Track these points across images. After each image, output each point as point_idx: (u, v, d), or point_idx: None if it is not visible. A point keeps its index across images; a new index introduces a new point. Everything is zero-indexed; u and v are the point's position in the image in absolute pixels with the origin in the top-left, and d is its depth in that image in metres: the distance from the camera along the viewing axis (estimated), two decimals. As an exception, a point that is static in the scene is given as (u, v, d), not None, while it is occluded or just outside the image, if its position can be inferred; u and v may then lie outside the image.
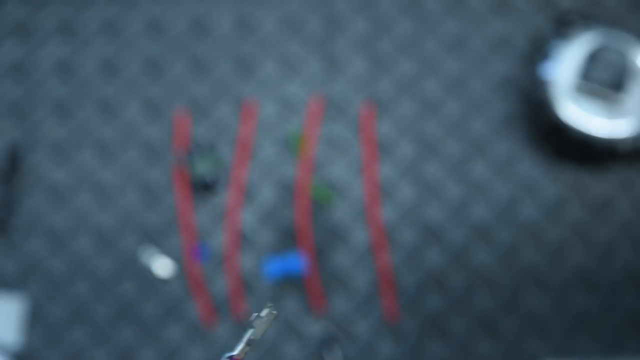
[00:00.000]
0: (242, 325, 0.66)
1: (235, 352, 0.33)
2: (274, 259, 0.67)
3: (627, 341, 0.66)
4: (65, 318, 0.67)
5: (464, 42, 0.71)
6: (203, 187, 0.68)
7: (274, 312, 0.34)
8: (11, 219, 0.69)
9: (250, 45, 0.72)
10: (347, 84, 0.71)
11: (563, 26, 0.67)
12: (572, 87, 0.65)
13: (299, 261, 0.66)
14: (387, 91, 0.71)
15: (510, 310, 0.67)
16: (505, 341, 0.66)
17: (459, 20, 0.72)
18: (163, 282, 0.67)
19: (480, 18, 0.72)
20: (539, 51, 0.68)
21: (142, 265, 0.68)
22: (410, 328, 0.66)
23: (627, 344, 0.66)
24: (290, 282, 0.67)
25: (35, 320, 0.67)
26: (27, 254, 0.68)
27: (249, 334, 0.34)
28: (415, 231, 0.68)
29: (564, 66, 0.65)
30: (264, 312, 0.34)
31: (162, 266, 0.67)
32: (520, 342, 0.66)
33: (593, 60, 0.64)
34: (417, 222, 0.68)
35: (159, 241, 0.68)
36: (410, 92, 0.71)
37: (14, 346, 0.66)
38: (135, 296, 0.67)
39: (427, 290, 0.67)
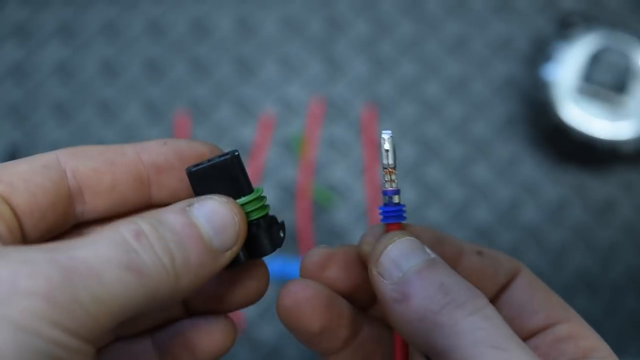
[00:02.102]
0: (242, 328, 0.66)
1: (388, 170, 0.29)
2: (276, 259, 0.66)
3: (630, 343, 0.66)
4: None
5: (465, 44, 0.71)
6: None
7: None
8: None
9: (251, 47, 0.71)
10: (348, 86, 0.70)
11: (565, 28, 0.67)
12: (574, 88, 0.65)
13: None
14: (388, 93, 0.70)
15: (512, 313, 0.66)
16: (507, 344, 0.66)
17: (461, 21, 0.72)
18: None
19: (481, 20, 0.72)
20: (540, 53, 0.68)
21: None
22: (412, 331, 0.66)
23: (630, 347, 0.66)
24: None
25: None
26: (26, 256, 0.68)
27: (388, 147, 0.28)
28: (417, 233, 0.68)
29: (566, 68, 0.65)
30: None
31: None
32: (522, 345, 0.66)
33: (595, 61, 0.64)
34: (419, 224, 0.68)
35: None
36: (412, 94, 0.70)
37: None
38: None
39: (429, 293, 0.67)
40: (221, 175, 0.28)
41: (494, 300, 0.30)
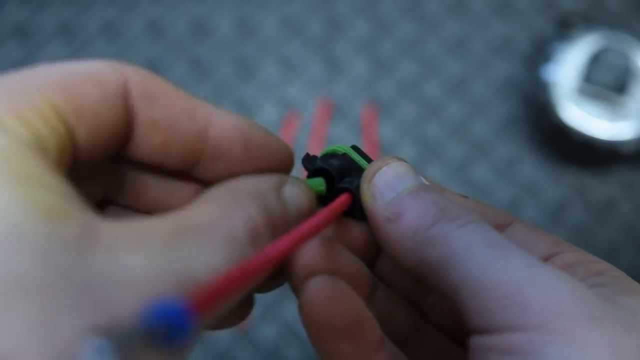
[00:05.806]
0: (243, 329, 0.66)
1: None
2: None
3: (630, 344, 0.66)
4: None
5: (465, 44, 0.71)
6: None
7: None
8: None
9: (251, 47, 0.71)
10: (348, 86, 0.70)
11: (565, 28, 0.67)
12: (574, 89, 0.65)
13: None
14: (388, 93, 0.70)
15: (512, 313, 0.66)
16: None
17: (461, 22, 0.72)
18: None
19: (481, 20, 0.72)
20: (541, 53, 0.68)
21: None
22: (412, 331, 0.66)
23: (630, 347, 0.66)
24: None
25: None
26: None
27: None
28: (417, 234, 0.68)
29: (566, 68, 0.65)
30: None
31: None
32: (523, 345, 0.66)
33: (595, 62, 0.64)
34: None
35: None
36: (412, 94, 0.70)
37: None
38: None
39: (429, 293, 0.67)
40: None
41: None
